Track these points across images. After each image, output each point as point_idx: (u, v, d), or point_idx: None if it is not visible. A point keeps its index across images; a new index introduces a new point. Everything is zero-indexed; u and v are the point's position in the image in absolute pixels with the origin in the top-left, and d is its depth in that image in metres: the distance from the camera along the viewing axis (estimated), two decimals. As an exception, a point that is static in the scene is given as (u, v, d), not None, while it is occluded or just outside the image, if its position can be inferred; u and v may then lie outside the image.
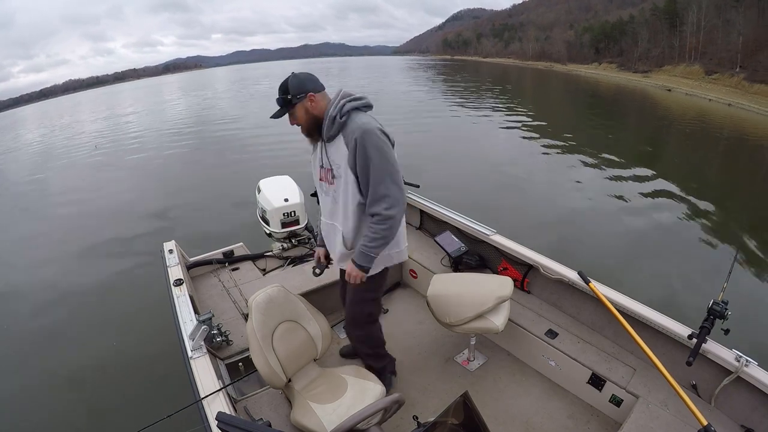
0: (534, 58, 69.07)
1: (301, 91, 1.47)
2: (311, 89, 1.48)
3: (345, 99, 1.48)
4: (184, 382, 1.57)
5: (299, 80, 1.49)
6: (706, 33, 35.06)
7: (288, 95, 1.48)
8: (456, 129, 12.29)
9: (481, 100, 18.07)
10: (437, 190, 4.93)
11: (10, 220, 6.90)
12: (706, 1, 35.27)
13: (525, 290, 2.33)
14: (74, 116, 26.81)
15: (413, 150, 8.79)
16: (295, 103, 1.48)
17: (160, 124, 16.31)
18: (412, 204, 2.98)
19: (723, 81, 27.99)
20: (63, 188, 8.56)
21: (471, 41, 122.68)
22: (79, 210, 6.82)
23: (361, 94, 1.54)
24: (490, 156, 8.94)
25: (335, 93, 1.52)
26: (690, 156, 10.11)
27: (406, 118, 13.03)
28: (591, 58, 53.23)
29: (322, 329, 1.71)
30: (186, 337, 1.69)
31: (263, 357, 1.52)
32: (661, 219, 5.69)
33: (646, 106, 20.04)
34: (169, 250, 2.43)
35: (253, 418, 1.69)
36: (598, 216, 5.80)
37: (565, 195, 6.59)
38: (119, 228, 5.68)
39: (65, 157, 11.97)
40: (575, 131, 11.63)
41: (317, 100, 1.49)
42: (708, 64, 32.05)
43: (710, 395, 1.63)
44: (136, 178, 8.64)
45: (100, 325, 3.53)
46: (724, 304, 1.61)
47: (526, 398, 1.93)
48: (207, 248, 2.80)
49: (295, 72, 1.53)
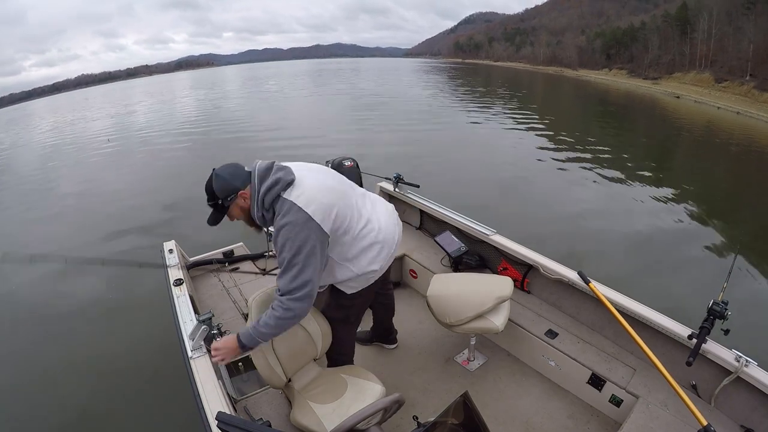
0: (545, 63, 68.89)
1: (230, 192, 1.36)
2: (240, 186, 1.36)
3: (263, 190, 1.34)
4: (184, 382, 1.57)
5: (224, 181, 1.36)
6: (717, 40, 34.97)
7: (218, 200, 1.38)
8: (466, 133, 12.15)
9: (493, 105, 17.82)
10: (446, 194, 4.88)
11: (13, 212, 6.96)
12: (717, 8, 35.12)
13: (525, 290, 2.33)
14: (87, 110, 27.55)
15: (423, 152, 8.78)
16: (227, 205, 1.38)
17: (171, 120, 16.44)
18: (412, 204, 2.98)
19: (733, 89, 27.94)
20: (71, 180, 8.69)
21: (483, 45, 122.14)
22: (83, 203, 6.93)
23: (274, 174, 1.35)
24: (500, 160, 8.87)
25: (252, 180, 1.37)
26: (696, 163, 10.08)
27: (417, 121, 12.97)
28: (602, 64, 53.08)
29: (322, 329, 1.71)
30: (186, 337, 1.69)
31: (263, 357, 1.52)
32: (668, 222, 5.68)
33: (656, 113, 19.92)
34: (169, 249, 2.43)
35: (253, 418, 1.69)
36: (604, 219, 5.79)
37: (571, 199, 6.57)
38: (122, 224, 5.73)
39: (77, 148, 12.22)
40: (584, 136, 11.56)
41: (249, 194, 1.37)
42: (718, 72, 31.95)
43: (710, 395, 1.63)
44: (144, 172, 8.80)
45: (99, 325, 3.53)
46: (724, 304, 1.61)
47: (526, 398, 1.93)
48: (207, 248, 2.81)
49: (217, 171, 1.39)
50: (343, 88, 28.35)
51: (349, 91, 25.24)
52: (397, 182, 3.08)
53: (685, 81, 34.44)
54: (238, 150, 10.05)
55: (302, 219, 1.31)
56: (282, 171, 1.38)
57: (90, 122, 18.11)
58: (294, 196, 1.34)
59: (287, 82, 38.17)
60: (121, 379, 2.81)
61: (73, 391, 2.82)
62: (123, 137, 13.27)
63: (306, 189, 1.36)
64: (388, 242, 1.58)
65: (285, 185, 1.35)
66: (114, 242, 5.26)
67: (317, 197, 1.36)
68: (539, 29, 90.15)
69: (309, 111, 17.15)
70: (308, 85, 33.31)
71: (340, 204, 1.41)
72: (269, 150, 9.68)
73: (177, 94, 33.18)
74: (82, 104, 33.85)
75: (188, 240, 4.49)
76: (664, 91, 32.81)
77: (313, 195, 1.36)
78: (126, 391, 2.72)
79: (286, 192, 1.35)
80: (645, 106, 22.94)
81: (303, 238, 1.31)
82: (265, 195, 1.34)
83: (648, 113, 20.07)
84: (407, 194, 3.02)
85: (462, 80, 36.14)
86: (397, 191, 3.09)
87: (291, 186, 1.36)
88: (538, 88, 33.72)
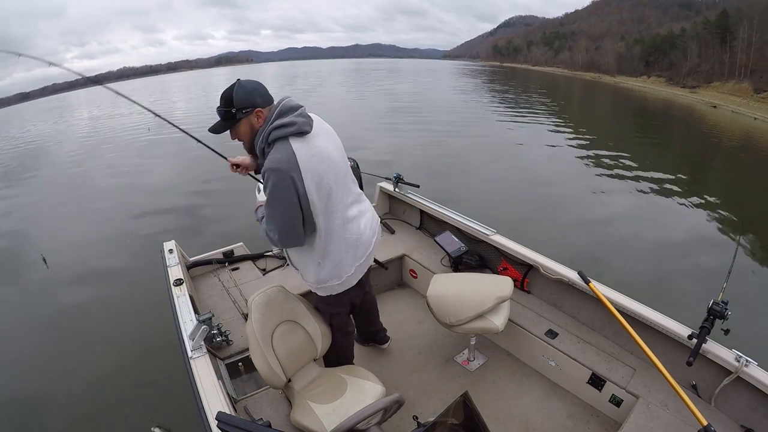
0: (583, 69, 67.95)
1: (247, 105, 1.31)
2: (260, 104, 1.33)
3: (272, 127, 1.31)
4: (184, 382, 1.57)
5: (246, 91, 1.32)
6: (757, 50, 34.45)
7: (232, 108, 1.32)
8: (501, 141, 11.46)
9: (530, 112, 17.07)
10: (480, 209, 4.88)
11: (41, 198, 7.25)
12: (758, 16, 34.44)
13: (525, 290, 2.33)
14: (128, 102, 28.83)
15: (456, 161, 8.52)
16: (240, 117, 1.33)
17: (204, 115, 16.58)
18: (412, 204, 2.98)
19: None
20: (106, 167, 9.51)
21: (521, 48, 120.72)
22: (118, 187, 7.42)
23: (295, 117, 1.32)
24: (535, 173, 8.20)
25: (272, 109, 1.34)
26: (730, 174, 9.67)
27: (451, 126, 12.54)
28: (640, 71, 52.35)
29: (322, 329, 1.71)
30: (186, 337, 1.69)
31: (263, 357, 1.52)
32: (704, 233, 5.58)
33: (692, 123, 19.52)
34: (169, 249, 2.42)
35: (253, 418, 1.69)
36: (631, 224, 5.68)
37: (599, 205, 6.44)
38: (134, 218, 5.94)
39: (120, 135, 13.39)
40: (621, 145, 11.11)
41: (265, 116, 1.34)
42: (758, 82, 31.47)
43: (710, 395, 1.63)
44: (176, 161, 9.35)
45: (99, 325, 3.53)
46: (724, 304, 1.61)
47: (526, 398, 1.93)
48: (207, 248, 2.80)
49: (242, 81, 1.35)
50: (380, 87, 27.27)
51: (386, 92, 24.33)
52: (397, 182, 3.07)
53: (724, 90, 33.80)
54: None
55: (292, 169, 1.29)
56: (303, 118, 1.34)
57: (132, 113, 18.39)
58: (297, 146, 1.31)
59: (324, 80, 37.10)
60: (121, 379, 2.82)
61: (73, 391, 2.82)
62: (162, 126, 13.51)
63: (311, 147, 1.35)
64: (363, 246, 1.56)
65: (297, 132, 1.31)
66: (126, 233, 5.40)
67: (312, 162, 1.33)
68: (578, 34, 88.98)
69: (345, 111, 16.61)
70: (346, 84, 32.22)
71: (330, 177, 1.39)
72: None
73: (215, 87, 34.18)
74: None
75: (202, 234, 4.53)
76: (702, 100, 32.25)
77: (312, 154, 1.34)
78: (126, 390, 2.72)
79: (293, 138, 1.32)
80: (681, 116, 22.45)
81: (287, 193, 1.31)
82: (274, 129, 1.31)
83: (685, 122, 19.63)
84: (407, 194, 3.02)
85: (499, 84, 35.12)
86: (397, 191, 3.08)
87: (301, 137, 1.33)
88: (576, 94, 32.97)
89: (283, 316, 1.63)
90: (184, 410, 2.26)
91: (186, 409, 1.44)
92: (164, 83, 53.07)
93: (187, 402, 1.47)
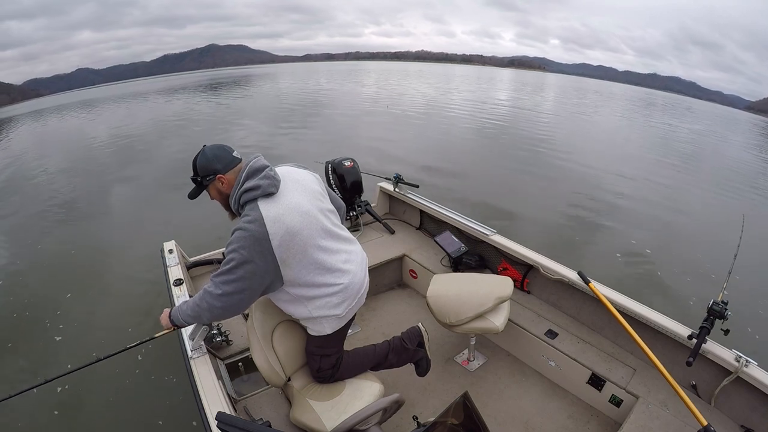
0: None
1: (209, 173, 1.37)
2: (221, 170, 1.36)
3: (244, 188, 1.34)
4: (184, 382, 1.56)
5: (207, 160, 1.37)
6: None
7: (198, 176, 1.40)
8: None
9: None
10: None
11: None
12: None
13: (525, 290, 2.33)
14: (406, 80, 33.88)
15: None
16: (206, 184, 1.40)
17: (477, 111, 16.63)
18: (412, 204, 2.98)
19: None
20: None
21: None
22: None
23: (260, 180, 1.34)
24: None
25: (242, 170, 1.36)
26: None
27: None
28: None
29: None
30: (186, 337, 1.70)
31: (263, 355, 1.52)
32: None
33: None
34: (169, 250, 2.43)
35: (253, 418, 1.69)
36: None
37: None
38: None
39: (365, 106, 16.28)
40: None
41: (228, 180, 1.38)
42: None
43: (710, 395, 1.63)
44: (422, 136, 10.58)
45: (99, 325, 3.52)
46: (724, 304, 1.61)
47: (526, 398, 1.94)
48: (207, 248, 2.80)
49: (206, 147, 1.40)
50: (668, 125, 19.75)
51: (671, 130, 17.98)
52: (397, 182, 3.08)
53: None
54: (514, 149, 9.64)
55: (260, 234, 1.29)
56: (267, 180, 1.36)
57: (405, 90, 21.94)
58: (265, 209, 1.33)
59: (605, 103, 28.15)
60: (121, 380, 2.81)
61: (72, 391, 2.81)
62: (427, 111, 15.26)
63: (280, 206, 1.35)
64: (355, 288, 1.52)
65: (263, 194, 1.34)
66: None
67: (284, 219, 1.33)
68: None
69: (615, 143, 13.10)
70: (627, 113, 23.60)
71: (304, 232, 1.38)
72: (550, 167, 8.23)
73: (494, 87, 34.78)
74: (406, 75, 42.47)
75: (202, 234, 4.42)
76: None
77: (281, 213, 1.34)
78: (126, 391, 2.71)
79: (262, 201, 1.34)
80: None
81: (251, 255, 1.30)
82: (242, 194, 1.35)
83: None
84: (407, 194, 3.02)
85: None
86: (396, 191, 3.09)
87: (269, 197, 1.36)
88: None
89: (283, 315, 1.63)
90: (185, 410, 2.27)
91: (186, 409, 1.43)
92: (449, 73, 54.38)
93: (187, 402, 1.47)
